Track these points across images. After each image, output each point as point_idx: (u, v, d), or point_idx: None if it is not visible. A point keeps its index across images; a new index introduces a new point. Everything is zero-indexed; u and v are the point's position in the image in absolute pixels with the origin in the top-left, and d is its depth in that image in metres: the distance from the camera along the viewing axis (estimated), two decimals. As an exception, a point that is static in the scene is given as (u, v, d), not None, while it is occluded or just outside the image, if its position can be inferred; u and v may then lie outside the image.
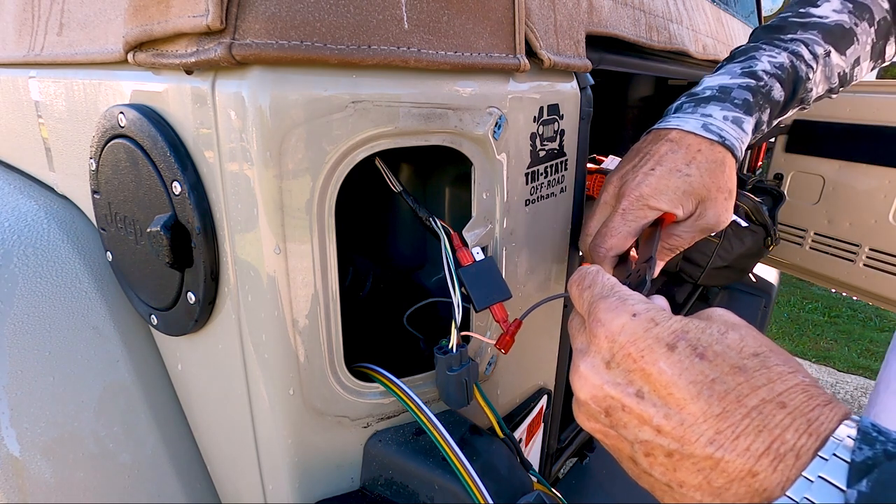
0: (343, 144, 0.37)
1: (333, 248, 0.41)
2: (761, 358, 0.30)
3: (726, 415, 0.28)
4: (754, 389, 0.28)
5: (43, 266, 0.55)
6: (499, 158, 0.46)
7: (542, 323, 0.61)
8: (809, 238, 1.50)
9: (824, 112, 1.42)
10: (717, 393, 0.29)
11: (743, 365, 0.29)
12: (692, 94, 0.57)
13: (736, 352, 0.30)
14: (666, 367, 0.31)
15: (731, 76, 0.57)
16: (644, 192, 0.51)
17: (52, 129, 0.61)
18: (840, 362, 3.13)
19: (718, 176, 0.52)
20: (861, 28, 0.62)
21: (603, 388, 0.33)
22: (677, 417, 0.30)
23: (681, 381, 0.30)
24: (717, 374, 0.29)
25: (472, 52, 0.41)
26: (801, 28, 0.61)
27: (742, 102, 0.55)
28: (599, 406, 0.34)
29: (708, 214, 0.52)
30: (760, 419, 0.27)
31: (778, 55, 0.59)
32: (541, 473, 0.68)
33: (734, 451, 0.27)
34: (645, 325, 0.33)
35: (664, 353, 0.31)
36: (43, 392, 0.50)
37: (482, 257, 0.47)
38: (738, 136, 0.54)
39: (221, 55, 0.33)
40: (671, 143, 0.53)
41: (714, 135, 0.52)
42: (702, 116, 0.54)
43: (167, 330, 0.50)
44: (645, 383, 0.32)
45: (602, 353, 0.34)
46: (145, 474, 0.55)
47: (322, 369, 0.43)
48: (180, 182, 0.40)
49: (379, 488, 0.47)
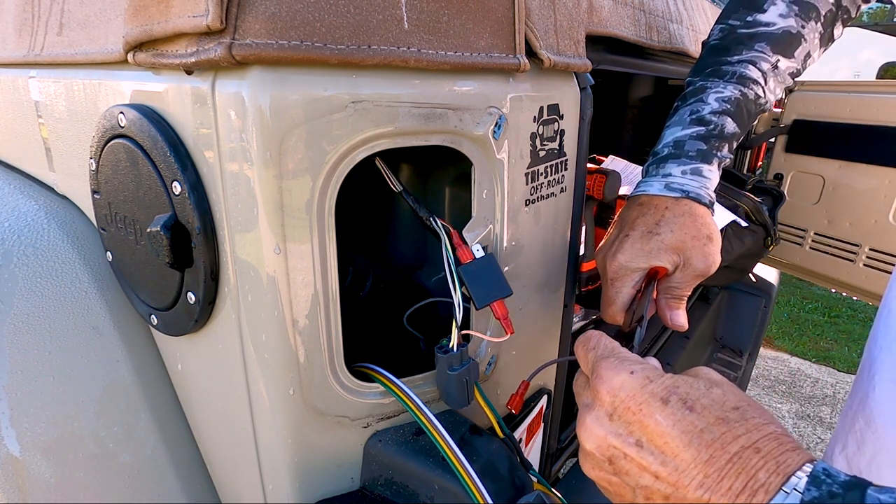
0: (343, 144, 0.37)
1: (333, 248, 0.41)
2: (741, 411, 0.34)
3: (713, 461, 0.32)
4: (735, 438, 0.33)
5: (43, 266, 0.55)
6: (499, 158, 0.46)
7: (542, 324, 0.61)
8: (809, 238, 1.50)
9: (824, 112, 1.42)
10: (705, 441, 0.33)
11: (726, 417, 0.34)
12: (655, 154, 0.62)
13: (719, 405, 0.35)
14: (661, 418, 0.35)
15: (682, 126, 0.61)
16: (621, 261, 0.56)
17: (52, 129, 0.61)
18: (840, 362, 3.13)
19: (690, 226, 0.56)
20: (808, 27, 0.64)
21: (607, 438, 0.37)
22: (672, 464, 0.34)
23: (674, 431, 0.34)
24: (705, 425, 0.34)
25: (472, 52, 0.41)
26: (747, 44, 0.64)
27: (696, 153, 0.59)
28: (604, 455, 0.37)
29: (693, 262, 0.56)
30: (740, 463, 0.32)
31: (724, 89, 0.62)
32: (541, 473, 0.68)
33: (719, 491, 0.32)
34: (641, 382, 0.37)
35: (659, 406, 0.35)
36: (43, 392, 0.50)
37: (482, 255, 0.47)
38: (700, 185, 0.58)
39: (221, 55, 0.33)
40: (640, 207, 0.59)
41: (676, 191, 0.58)
42: (663, 177, 0.59)
43: (167, 330, 0.50)
44: (643, 434, 0.35)
45: (605, 407, 0.38)
46: (145, 474, 0.54)
47: (322, 369, 0.43)
48: (180, 182, 0.40)
49: (379, 488, 0.47)
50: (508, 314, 0.48)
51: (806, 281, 1.59)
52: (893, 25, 4.83)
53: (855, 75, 12.25)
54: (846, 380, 2.95)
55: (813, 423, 2.54)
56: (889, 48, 8.11)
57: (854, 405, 0.74)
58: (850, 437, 0.74)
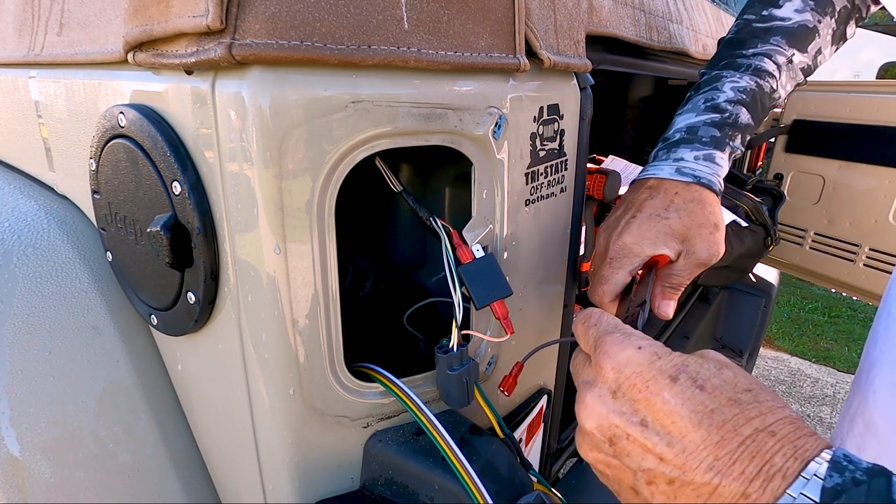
0: (343, 144, 0.37)
1: (333, 248, 0.41)
2: (753, 393, 0.32)
3: (724, 443, 0.30)
4: (748, 420, 0.31)
5: (43, 266, 0.55)
6: (499, 158, 0.46)
7: (542, 323, 0.61)
8: (809, 238, 1.50)
9: (824, 112, 1.42)
10: (715, 422, 0.31)
11: (738, 398, 0.32)
12: (665, 139, 0.61)
13: (731, 386, 0.33)
14: (669, 396, 0.33)
15: (696, 113, 0.60)
16: (626, 241, 0.55)
17: (52, 129, 0.61)
18: (840, 362, 3.13)
19: (699, 213, 0.55)
20: (823, 23, 0.64)
21: (608, 416, 0.35)
22: (679, 445, 0.31)
23: (683, 411, 0.32)
24: (716, 405, 0.32)
25: (472, 52, 0.41)
26: (763, 37, 0.63)
27: (710, 139, 0.58)
28: (604, 435, 0.35)
29: (697, 250, 0.55)
30: (754, 446, 0.30)
31: (740, 79, 0.61)
32: (541, 473, 0.68)
33: (730, 475, 0.29)
34: (649, 358, 0.35)
35: (667, 383, 0.33)
36: (43, 392, 0.50)
37: (482, 255, 0.47)
38: (713, 171, 0.57)
39: (221, 55, 0.33)
40: (649, 190, 0.57)
41: (688, 176, 0.56)
42: (674, 161, 0.58)
43: (167, 330, 0.50)
44: (648, 412, 0.33)
45: (608, 384, 0.36)
46: (145, 474, 0.54)
47: (322, 369, 0.43)
48: (180, 182, 0.40)
49: (379, 488, 0.47)
50: (508, 314, 0.48)
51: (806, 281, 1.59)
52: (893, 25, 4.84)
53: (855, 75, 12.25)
54: (846, 380, 2.95)
55: (813, 423, 2.54)
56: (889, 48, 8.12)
57: (853, 408, 0.74)
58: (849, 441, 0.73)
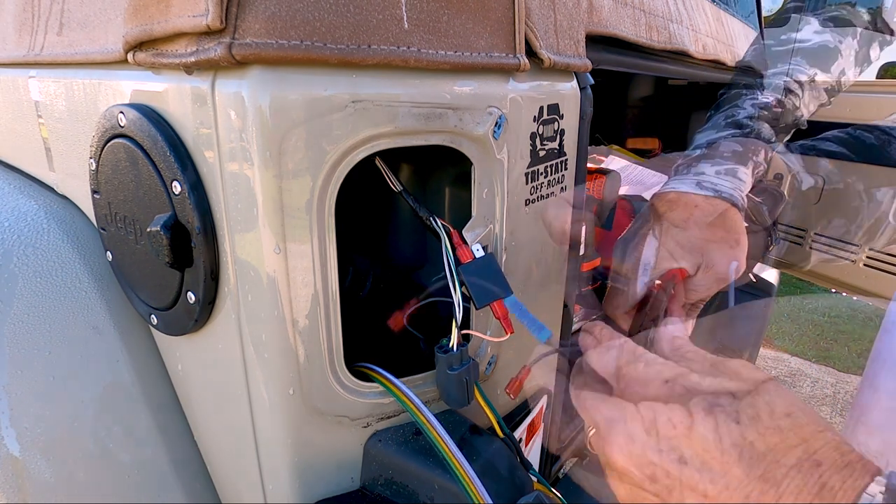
0: (343, 144, 0.37)
1: (333, 248, 0.40)
2: (793, 418, 0.31)
3: (768, 475, 0.29)
4: (790, 448, 0.29)
5: (43, 266, 0.55)
6: (499, 158, 0.46)
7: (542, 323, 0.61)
8: (809, 238, 1.50)
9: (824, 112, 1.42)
10: (757, 454, 0.30)
11: (777, 426, 0.31)
12: (686, 156, 0.60)
13: (767, 413, 0.31)
14: (706, 431, 0.32)
15: (716, 130, 0.60)
16: (643, 254, 0.54)
17: (52, 129, 0.61)
18: (840, 362, 3.13)
19: (719, 227, 0.54)
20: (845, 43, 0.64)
21: (646, 454, 0.34)
22: (723, 482, 0.30)
23: (722, 445, 0.31)
24: (755, 437, 0.30)
25: (471, 52, 0.41)
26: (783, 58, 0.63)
27: (731, 154, 0.57)
28: (643, 473, 0.34)
29: (716, 264, 0.54)
30: (800, 478, 0.28)
31: (761, 95, 0.61)
32: (541, 473, 0.68)
33: None
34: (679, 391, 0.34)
35: (702, 417, 0.32)
36: (43, 392, 0.50)
37: (482, 254, 0.47)
38: (735, 186, 0.56)
39: (221, 55, 0.33)
40: (669, 204, 0.56)
41: (709, 190, 0.55)
42: (695, 175, 0.57)
43: (167, 330, 0.50)
44: (687, 448, 0.32)
45: (641, 421, 0.35)
46: (145, 474, 0.54)
47: (322, 369, 0.43)
48: (180, 182, 0.40)
49: (379, 488, 0.47)
50: (508, 314, 0.48)
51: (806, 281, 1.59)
52: (893, 25, 4.82)
53: (855, 75, 12.19)
54: (846, 380, 2.95)
55: (813, 423, 2.54)
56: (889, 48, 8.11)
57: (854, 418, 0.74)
58: None
